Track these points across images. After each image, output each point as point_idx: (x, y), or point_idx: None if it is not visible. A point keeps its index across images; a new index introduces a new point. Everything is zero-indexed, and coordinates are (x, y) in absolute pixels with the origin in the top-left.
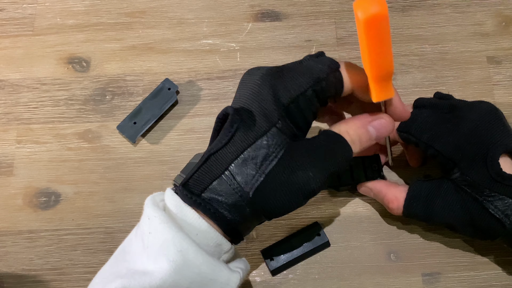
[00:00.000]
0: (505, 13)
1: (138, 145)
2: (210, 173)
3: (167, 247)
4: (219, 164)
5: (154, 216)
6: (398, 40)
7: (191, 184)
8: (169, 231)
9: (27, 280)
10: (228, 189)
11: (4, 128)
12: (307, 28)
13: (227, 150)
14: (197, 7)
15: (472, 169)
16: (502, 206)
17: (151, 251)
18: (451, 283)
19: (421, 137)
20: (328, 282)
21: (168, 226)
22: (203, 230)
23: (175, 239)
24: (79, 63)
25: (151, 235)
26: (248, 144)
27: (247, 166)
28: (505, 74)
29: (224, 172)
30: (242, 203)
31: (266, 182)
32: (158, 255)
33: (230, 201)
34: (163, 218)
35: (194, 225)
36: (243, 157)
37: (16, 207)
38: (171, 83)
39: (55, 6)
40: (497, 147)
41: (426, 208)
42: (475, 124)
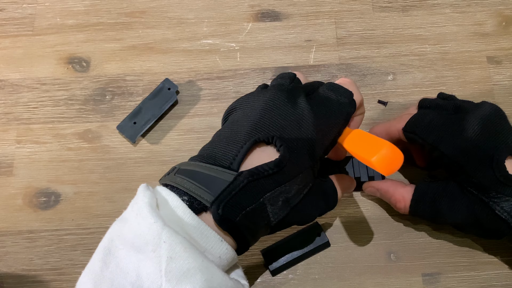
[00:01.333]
0: (505, 13)
1: (138, 145)
2: (248, 199)
3: (194, 275)
4: (258, 192)
5: (175, 242)
6: (398, 40)
7: (228, 208)
8: (195, 259)
9: (27, 280)
10: (258, 217)
11: (4, 128)
12: (307, 28)
13: (268, 180)
14: (197, 7)
15: (478, 171)
16: (508, 207)
17: (172, 275)
18: (451, 283)
19: (427, 138)
20: (328, 282)
21: (194, 254)
22: (224, 252)
23: (202, 268)
24: (79, 63)
25: (171, 260)
26: (287, 180)
27: (279, 197)
28: (505, 74)
29: (259, 200)
30: (263, 229)
31: (288, 214)
32: (181, 281)
33: (255, 228)
34: (186, 245)
35: (216, 248)
36: (280, 190)
37: (16, 207)
38: (171, 83)
39: (55, 6)
40: (502, 150)
41: (432, 209)
42: (480, 127)
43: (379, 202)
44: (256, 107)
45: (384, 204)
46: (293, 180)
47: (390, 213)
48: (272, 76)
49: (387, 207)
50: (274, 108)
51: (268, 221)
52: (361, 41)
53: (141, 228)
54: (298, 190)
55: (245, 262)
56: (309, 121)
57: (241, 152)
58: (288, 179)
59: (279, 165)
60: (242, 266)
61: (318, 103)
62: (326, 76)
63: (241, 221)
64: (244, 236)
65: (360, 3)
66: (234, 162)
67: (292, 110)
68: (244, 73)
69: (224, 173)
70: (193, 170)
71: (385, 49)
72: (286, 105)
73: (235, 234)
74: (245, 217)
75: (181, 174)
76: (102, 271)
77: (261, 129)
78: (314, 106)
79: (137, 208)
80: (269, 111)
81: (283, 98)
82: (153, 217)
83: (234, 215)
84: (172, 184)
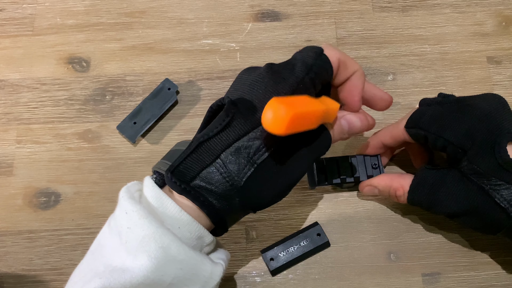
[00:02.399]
0: (505, 13)
1: (138, 145)
2: (201, 160)
3: (148, 243)
4: (210, 152)
5: (132, 211)
6: (398, 40)
7: (180, 171)
8: (149, 226)
9: (27, 280)
10: (219, 177)
11: (4, 128)
12: (307, 28)
13: (220, 138)
14: (197, 7)
15: (480, 156)
16: (508, 195)
17: (131, 246)
18: (451, 283)
19: (430, 129)
20: (328, 282)
21: (148, 221)
22: (185, 223)
23: (156, 235)
24: (79, 63)
25: (129, 230)
26: (242, 134)
27: (239, 155)
28: (505, 74)
29: (216, 160)
30: (232, 192)
31: (256, 173)
32: (138, 251)
33: (220, 190)
34: (142, 213)
35: (176, 218)
36: (236, 145)
37: (16, 207)
38: (171, 83)
39: (55, 6)
40: (504, 135)
41: (431, 195)
42: (483, 111)
43: (379, 202)
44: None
45: (384, 204)
46: (249, 135)
47: (390, 213)
48: None
49: (387, 207)
50: (237, 79)
51: (232, 181)
52: (361, 41)
53: (116, 209)
54: (260, 145)
55: (245, 262)
56: (261, 81)
57: (203, 121)
58: (242, 133)
59: (224, 118)
60: (242, 266)
61: (281, 65)
62: None
63: (198, 183)
64: (205, 198)
65: (360, 3)
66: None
67: (248, 76)
68: None
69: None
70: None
71: (385, 49)
72: (247, 74)
73: (192, 197)
74: (202, 179)
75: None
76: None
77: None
78: (277, 65)
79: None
80: (234, 83)
81: (247, 69)
82: (122, 193)
83: (188, 179)
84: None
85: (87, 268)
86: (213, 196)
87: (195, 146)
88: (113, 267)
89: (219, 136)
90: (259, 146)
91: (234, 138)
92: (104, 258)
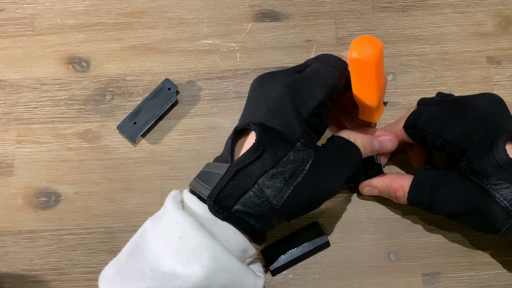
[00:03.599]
0: (505, 13)
1: (138, 145)
2: (240, 187)
3: (201, 253)
4: (248, 179)
5: (185, 222)
6: (398, 40)
7: (220, 199)
8: (202, 238)
9: (27, 280)
10: (258, 202)
11: (4, 128)
12: (307, 28)
13: (256, 166)
14: (197, 7)
15: (479, 156)
16: (508, 194)
17: (182, 255)
18: (451, 283)
19: (428, 128)
20: (328, 282)
21: (201, 232)
22: (232, 236)
23: (209, 246)
24: (79, 63)
25: (182, 240)
26: (276, 162)
27: (275, 180)
28: (505, 74)
29: (254, 185)
30: (270, 214)
31: (293, 194)
32: (190, 260)
33: (259, 213)
34: (195, 225)
35: (224, 231)
36: (272, 172)
37: (16, 207)
38: (171, 83)
39: (55, 6)
40: (503, 134)
41: (431, 195)
42: (481, 111)
43: (379, 202)
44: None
45: (384, 204)
46: (284, 160)
47: (390, 213)
48: None
49: (387, 207)
50: (254, 94)
51: (270, 204)
52: None
53: (164, 218)
54: (295, 168)
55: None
56: (284, 98)
57: (229, 144)
58: (277, 159)
59: (257, 148)
60: None
61: (301, 78)
62: None
63: (239, 209)
64: (247, 223)
65: (360, 3)
66: (228, 155)
67: (269, 92)
68: (244, 73)
69: (220, 167)
70: (202, 171)
71: (385, 49)
72: (265, 88)
73: (235, 223)
74: (243, 205)
75: (197, 176)
76: (126, 260)
77: (244, 118)
78: (296, 82)
79: (165, 203)
80: (251, 98)
81: (263, 81)
82: (171, 203)
83: (229, 205)
84: (191, 187)
85: (128, 268)
86: (253, 219)
87: (233, 173)
88: (162, 272)
89: (255, 164)
90: (293, 169)
91: (270, 165)
92: (148, 262)
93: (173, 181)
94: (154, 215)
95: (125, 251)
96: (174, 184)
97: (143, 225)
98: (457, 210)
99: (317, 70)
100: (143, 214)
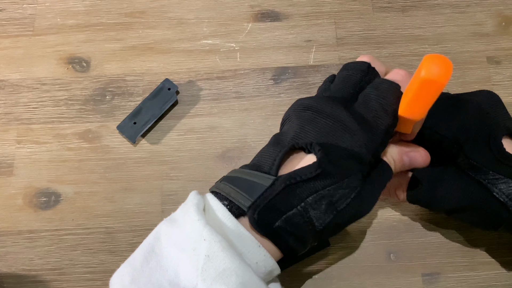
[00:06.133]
0: (505, 13)
1: (138, 145)
2: (286, 203)
3: (229, 276)
4: (296, 196)
5: (214, 241)
6: (398, 40)
7: (264, 212)
8: (232, 261)
9: (27, 280)
10: (300, 221)
11: (4, 128)
12: (307, 28)
13: (308, 185)
14: (197, 7)
15: (476, 151)
16: (506, 189)
17: (208, 275)
18: (451, 283)
19: (425, 124)
20: (328, 282)
21: (231, 254)
22: (262, 259)
23: (238, 271)
24: (79, 63)
25: (208, 259)
26: (329, 185)
27: (322, 201)
28: (505, 74)
29: (300, 204)
30: (309, 235)
31: (335, 218)
32: (216, 282)
33: (299, 233)
34: (224, 245)
35: (254, 253)
36: (322, 193)
37: (16, 207)
38: (171, 83)
39: (55, 6)
40: (500, 128)
41: (429, 192)
42: (478, 106)
43: (379, 202)
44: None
45: (384, 204)
46: (337, 185)
47: (390, 213)
48: (272, 77)
49: (387, 207)
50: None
51: (312, 226)
52: (361, 41)
53: (186, 226)
54: (344, 194)
55: None
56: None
57: (278, 157)
58: (331, 183)
59: (316, 168)
60: None
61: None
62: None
63: (280, 225)
64: (286, 241)
65: (360, 3)
66: (273, 167)
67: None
68: (244, 73)
69: (263, 178)
70: (235, 176)
71: (385, 49)
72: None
73: (275, 239)
74: (285, 222)
75: (225, 180)
76: (142, 267)
77: (301, 137)
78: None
79: (186, 208)
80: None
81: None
82: (197, 215)
83: (272, 220)
84: (216, 190)
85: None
86: (292, 238)
87: (282, 187)
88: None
89: (308, 182)
90: (342, 195)
91: (321, 187)
92: (166, 272)
93: (173, 181)
94: (169, 217)
95: (139, 256)
96: (174, 184)
97: (157, 228)
98: (456, 206)
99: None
100: (143, 214)
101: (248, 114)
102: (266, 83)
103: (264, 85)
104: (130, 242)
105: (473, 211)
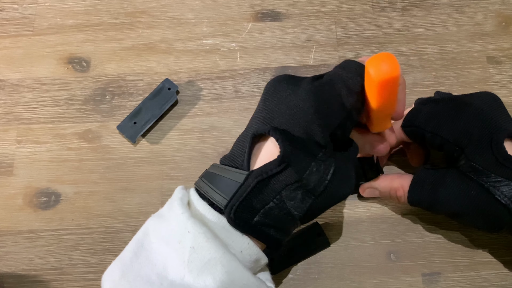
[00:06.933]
0: (505, 13)
1: (138, 145)
2: (261, 199)
3: (214, 266)
4: (270, 190)
5: (198, 232)
6: (398, 40)
7: (241, 211)
8: (216, 251)
9: (27, 280)
10: (279, 213)
11: (4, 128)
12: (307, 28)
13: (279, 179)
14: (197, 7)
15: (478, 154)
16: (508, 191)
17: (194, 266)
18: (451, 283)
19: (426, 127)
20: (328, 282)
21: (215, 245)
22: (246, 247)
23: (224, 260)
24: (79, 63)
25: (194, 250)
26: (300, 175)
27: (298, 191)
28: (505, 74)
29: (275, 197)
30: (290, 224)
31: (314, 203)
32: (202, 272)
33: (279, 225)
34: (209, 236)
35: (238, 242)
36: (296, 185)
37: (16, 207)
38: (171, 83)
39: (55, 6)
40: (501, 131)
41: (431, 194)
42: (479, 109)
43: (379, 202)
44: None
45: (384, 204)
46: (308, 173)
47: (390, 213)
48: (272, 76)
49: (387, 207)
50: (274, 97)
51: (292, 216)
52: (361, 41)
53: (171, 221)
54: (319, 179)
55: None
56: (308, 106)
57: (246, 151)
58: (301, 173)
59: (282, 161)
60: None
61: (323, 84)
62: None
63: (259, 220)
64: (267, 234)
65: (360, 3)
66: (244, 161)
67: (290, 97)
68: (244, 73)
69: (236, 173)
70: (212, 173)
71: (385, 49)
72: (285, 92)
73: (255, 234)
74: (264, 216)
75: (205, 177)
76: (131, 262)
77: (263, 121)
78: (318, 88)
79: (171, 203)
80: (269, 101)
81: (284, 84)
82: (181, 209)
83: (249, 217)
84: (197, 188)
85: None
86: (273, 229)
87: (254, 184)
88: (170, 281)
89: (278, 177)
90: (317, 181)
91: (294, 179)
92: (154, 266)
93: (173, 181)
94: (157, 212)
95: (129, 251)
96: (174, 184)
97: (145, 224)
98: (458, 209)
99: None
100: (143, 214)
101: (248, 114)
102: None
103: (264, 85)
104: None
105: (475, 214)
